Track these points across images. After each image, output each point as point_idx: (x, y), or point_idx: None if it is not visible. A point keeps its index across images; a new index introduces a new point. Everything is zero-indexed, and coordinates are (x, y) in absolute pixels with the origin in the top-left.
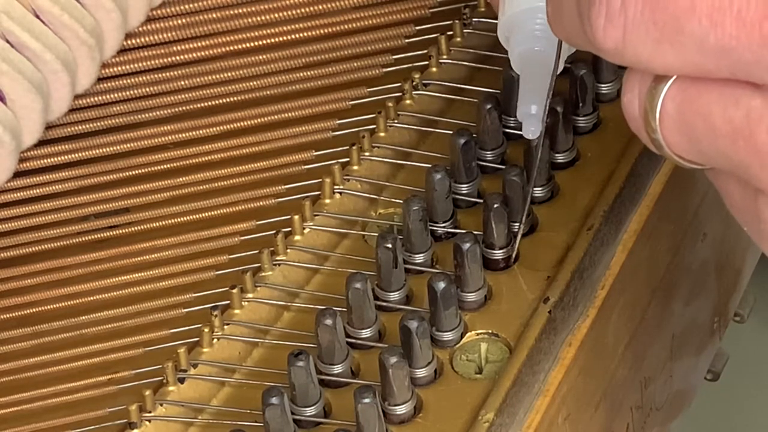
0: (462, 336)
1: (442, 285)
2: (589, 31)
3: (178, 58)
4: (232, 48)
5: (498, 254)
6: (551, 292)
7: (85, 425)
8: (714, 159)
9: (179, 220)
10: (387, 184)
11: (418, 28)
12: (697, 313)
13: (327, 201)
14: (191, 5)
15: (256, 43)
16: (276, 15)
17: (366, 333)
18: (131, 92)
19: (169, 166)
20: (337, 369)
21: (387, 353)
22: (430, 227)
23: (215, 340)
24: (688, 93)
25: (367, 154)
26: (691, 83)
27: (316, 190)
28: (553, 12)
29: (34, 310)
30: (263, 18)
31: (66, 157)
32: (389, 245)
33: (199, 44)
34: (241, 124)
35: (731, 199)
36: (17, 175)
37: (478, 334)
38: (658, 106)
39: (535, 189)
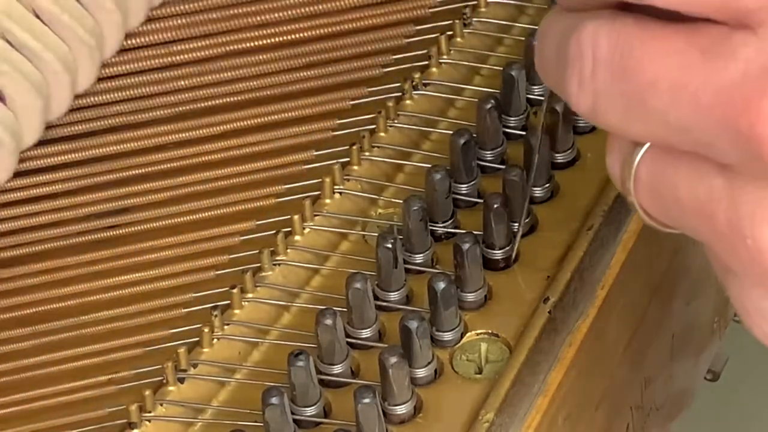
0: (462, 336)
1: (442, 285)
2: (564, 93)
3: (178, 58)
4: (232, 48)
5: (498, 254)
6: (551, 292)
7: (85, 425)
8: (686, 229)
9: (179, 220)
10: (387, 184)
11: (418, 28)
12: (697, 313)
13: (327, 201)
14: (191, 5)
15: (256, 43)
16: (276, 15)
17: (366, 333)
18: (131, 92)
19: (168, 166)
20: (337, 369)
21: (387, 353)
22: (430, 227)
23: (215, 340)
24: (659, 162)
25: (367, 154)
26: (663, 153)
27: (316, 190)
28: (539, 63)
29: (34, 310)
30: (263, 18)
31: (66, 157)
32: (389, 245)
33: (199, 44)
34: (241, 124)
35: (714, 265)
36: (17, 175)
37: (478, 334)
38: (633, 171)
39: (535, 189)
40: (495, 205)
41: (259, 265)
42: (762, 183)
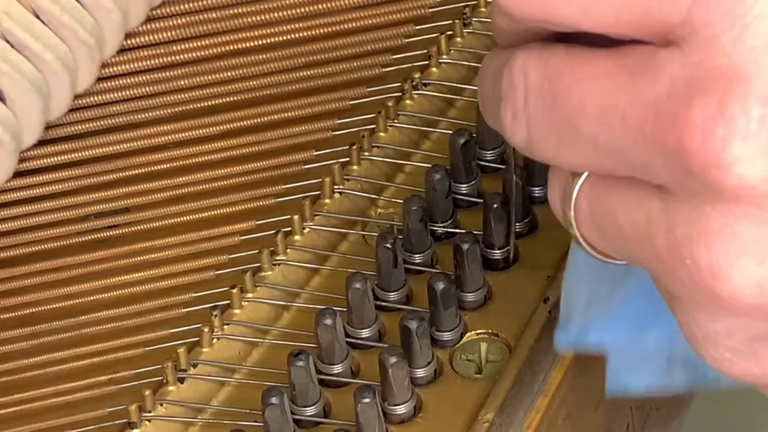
0: (462, 336)
1: (441, 285)
2: (500, 127)
3: (177, 57)
4: (232, 48)
5: (498, 254)
6: (551, 292)
7: (85, 425)
8: (629, 258)
9: (179, 220)
10: (387, 184)
11: (418, 28)
12: None
13: (327, 201)
14: (191, 5)
15: (256, 43)
16: (276, 15)
17: (366, 333)
18: (131, 92)
19: (168, 166)
20: (337, 369)
21: (387, 353)
22: (430, 227)
23: (215, 339)
24: (597, 191)
25: (367, 154)
26: (600, 181)
27: (316, 190)
28: (480, 102)
29: (34, 310)
30: (263, 18)
31: (66, 157)
32: (389, 245)
33: (199, 44)
34: (241, 123)
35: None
36: (17, 175)
37: (477, 334)
38: (572, 203)
39: (534, 188)
40: (495, 205)
41: (258, 264)
42: (696, 201)
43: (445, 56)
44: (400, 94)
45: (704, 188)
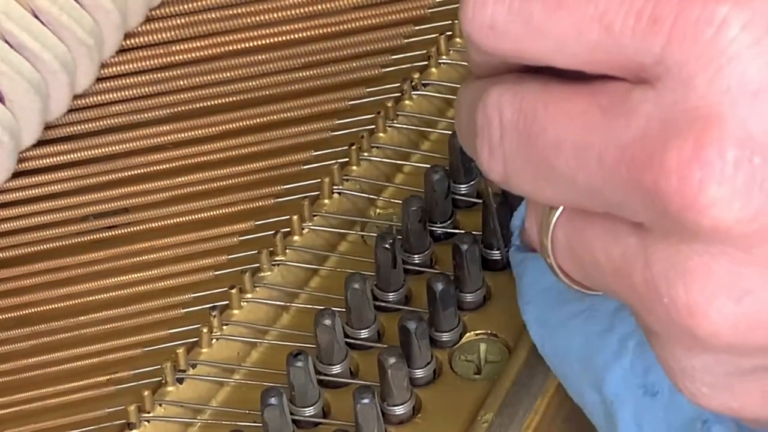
0: (461, 336)
1: (441, 285)
2: (477, 160)
3: (177, 58)
4: (231, 48)
5: (497, 254)
6: None
7: (84, 425)
8: (606, 291)
9: (178, 220)
10: (386, 184)
11: (417, 28)
12: None
13: (326, 201)
14: (190, 5)
15: (256, 43)
16: (276, 15)
17: (365, 333)
18: (131, 92)
19: (168, 166)
20: (336, 369)
21: (386, 353)
22: (429, 227)
23: (214, 340)
24: (574, 224)
25: (366, 154)
26: (577, 215)
27: (315, 191)
28: (458, 130)
29: (33, 310)
30: (263, 18)
31: (65, 157)
32: (388, 245)
33: (199, 44)
34: (241, 124)
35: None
36: (17, 175)
37: (477, 335)
38: (549, 235)
39: None
40: (494, 206)
41: (257, 265)
42: (673, 240)
43: (444, 56)
44: (399, 94)
45: (681, 228)
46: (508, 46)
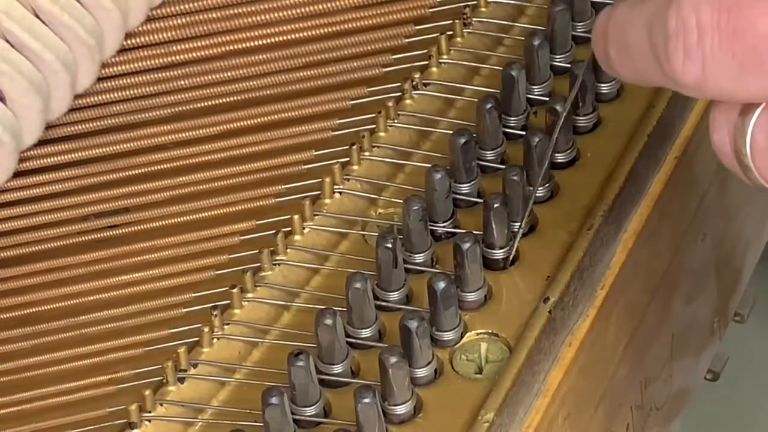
0: (462, 336)
1: (442, 285)
2: (668, 68)
3: (177, 58)
4: (232, 48)
5: (498, 254)
6: (551, 292)
7: (85, 425)
8: None
9: (179, 220)
10: (387, 183)
11: (418, 28)
12: (697, 313)
13: (327, 201)
14: (191, 5)
15: (256, 43)
16: (276, 15)
17: (366, 333)
18: (131, 92)
19: (169, 166)
20: (337, 369)
21: (387, 353)
22: (430, 227)
23: (215, 339)
24: None
25: (367, 153)
26: None
27: (316, 190)
28: (618, 52)
29: (34, 310)
30: (263, 18)
31: (66, 157)
32: (389, 245)
33: (199, 44)
34: (241, 124)
35: None
36: (17, 175)
37: (478, 334)
38: (748, 139)
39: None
40: (495, 205)
41: (259, 264)
42: None
43: (445, 56)
44: (400, 94)
45: None
46: None
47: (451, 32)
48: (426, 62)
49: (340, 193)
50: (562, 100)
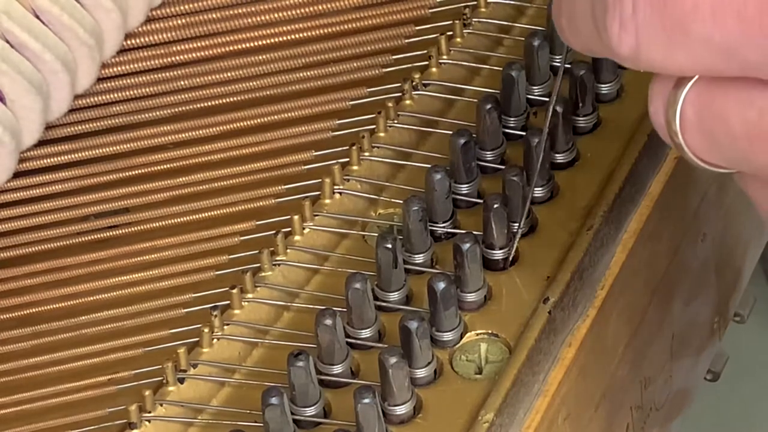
0: (462, 336)
1: (441, 285)
2: (605, 38)
3: (178, 58)
4: (232, 48)
5: (498, 254)
6: (551, 292)
7: (85, 425)
8: (737, 162)
9: (179, 220)
10: (387, 184)
11: (418, 28)
12: (697, 313)
13: (327, 201)
14: (191, 5)
15: (256, 43)
16: (276, 15)
17: (366, 333)
18: (131, 92)
19: (169, 166)
20: (337, 369)
21: (387, 353)
22: (430, 227)
23: (215, 340)
24: (705, 96)
25: (366, 154)
26: (708, 86)
27: (315, 191)
28: (568, 22)
29: (34, 310)
30: (263, 18)
31: (66, 157)
32: (389, 245)
33: (199, 44)
34: (241, 124)
35: (762, 206)
36: (17, 175)
37: (477, 335)
38: (677, 112)
39: (534, 189)
40: (495, 205)
41: (258, 265)
42: None
43: (445, 56)
44: (400, 94)
45: None
46: None
47: (451, 33)
48: (426, 63)
49: (340, 193)
50: (562, 101)
